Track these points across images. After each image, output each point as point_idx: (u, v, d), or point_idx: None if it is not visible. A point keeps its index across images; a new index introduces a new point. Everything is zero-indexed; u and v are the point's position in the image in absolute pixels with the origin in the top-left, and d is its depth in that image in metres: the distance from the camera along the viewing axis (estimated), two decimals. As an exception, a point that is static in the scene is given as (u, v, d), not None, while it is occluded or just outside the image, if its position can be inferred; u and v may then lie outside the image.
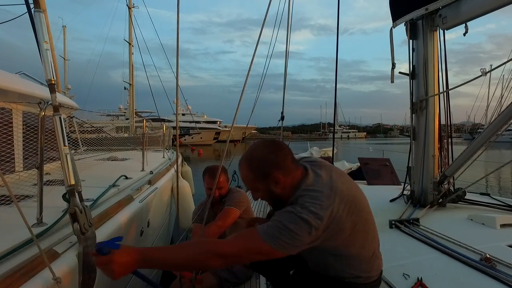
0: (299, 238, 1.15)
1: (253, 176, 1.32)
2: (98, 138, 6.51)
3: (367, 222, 1.32)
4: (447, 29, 2.62)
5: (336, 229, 1.21)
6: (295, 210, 1.17)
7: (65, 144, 1.51)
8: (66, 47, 26.91)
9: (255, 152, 1.34)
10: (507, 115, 2.17)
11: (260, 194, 1.36)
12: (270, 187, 1.30)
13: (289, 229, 1.15)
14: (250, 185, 1.35)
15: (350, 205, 1.23)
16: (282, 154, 1.32)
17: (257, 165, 1.30)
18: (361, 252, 1.32)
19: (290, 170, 1.30)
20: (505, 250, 1.74)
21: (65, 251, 1.52)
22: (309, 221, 1.14)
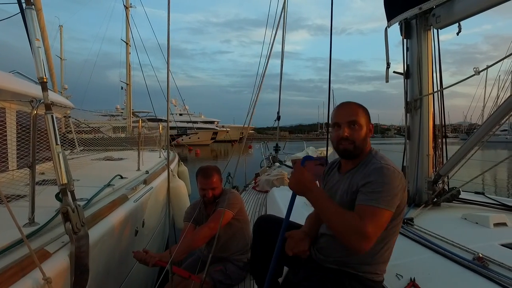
0: (400, 189, 1.31)
1: (364, 113, 1.49)
2: (94, 138, 6.49)
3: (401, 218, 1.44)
4: (440, 28, 2.63)
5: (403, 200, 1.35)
6: (386, 165, 1.34)
7: (57, 143, 1.51)
8: (62, 46, 26.81)
9: (362, 105, 1.54)
10: (499, 114, 2.18)
11: (358, 132, 1.44)
12: (367, 129, 1.47)
13: (391, 186, 1.29)
14: (358, 117, 1.45)
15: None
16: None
17: (367, 111, 1.52)
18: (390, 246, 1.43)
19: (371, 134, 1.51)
20: (498, 249, 1.74)
21: (57, 251, 1.51)
22: (397, 171, 1.33)
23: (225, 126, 55.32)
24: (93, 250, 1.74)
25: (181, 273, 2.20)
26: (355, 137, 1.43)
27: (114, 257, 2.25)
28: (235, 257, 2.59)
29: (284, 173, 6.15)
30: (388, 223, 1.31)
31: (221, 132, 49.46)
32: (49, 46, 6.06)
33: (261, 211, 4.69)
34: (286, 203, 3.25)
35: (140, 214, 2.89)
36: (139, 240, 2.84)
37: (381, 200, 1.26)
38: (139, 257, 2.20)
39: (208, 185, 2.47)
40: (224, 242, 2.54)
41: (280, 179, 5.93)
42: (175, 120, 32.62)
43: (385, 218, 1.27)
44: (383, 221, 1.27)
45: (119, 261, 2.36)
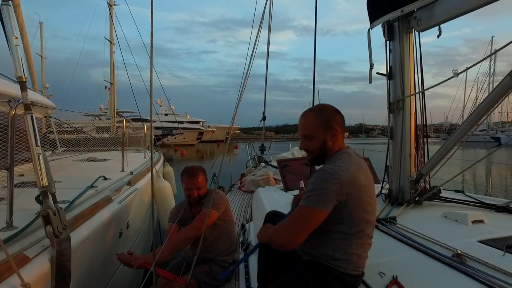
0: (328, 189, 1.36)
1: (317, 123, 1.52)
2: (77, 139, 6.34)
3: (371, 214, 1.51)
4: (421, 31, 2.69)
5: (354, 193, 1.40)
6: (324, 167, 1.43)
7: (37, 144, 1.47)
8: (43, 44, 26.04)
9: (324, 106, 1.59)
10: (477, 115, 2.25)
11: (313, 143, 1.53)
12: (327, 138, 1.51)
13: (320, 186, 1.38)
14: (310, 131, 1.53)
15: (368, 189, 1.47)
16: (342, 118, 1.59)
17: (324, 116, 1.53)
18: (359, 238, 1.47)
19: (342, 133, 1.55)
20: (475, 246, 1.79)
21: (37, 255, 1.47)
22: (339, 177, 1.36)
23: (211, 126, 55.04)
24: (76, 253, 1.71)
25: (165, 275, 2.18)
26: (312, 148, 1.54)
27: (97, 260, 2.21)
28: (221, 258, 2.58)
29: (269, 173, 6.16)
30: (344, 225, 1.43)
31: (207, 132, 49.18)
32: (28, 43, 5.88)
33: (247, 211, 4.69)
34: (272, 203, 3.28)
35: (124, 215, 2.84)
36: (124, 242, 2.80)
37: (307, 200, 1.39)
38: (123, 259, 2.17)
39: (193, 184, 2.45)
40: (210, 242, 2.53)
41: (266, 179, 5.94)
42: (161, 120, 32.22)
43: (312, 216, 1.38)
44: (308, 218, 1.39)
45: (102, 264, 2.32)
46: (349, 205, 1.40)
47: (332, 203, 1.37)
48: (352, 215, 1.43)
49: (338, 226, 1.44)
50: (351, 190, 1.39)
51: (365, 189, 1.44)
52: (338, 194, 1.37)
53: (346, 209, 1.41)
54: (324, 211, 1.37)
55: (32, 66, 6.15)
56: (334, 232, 1.45)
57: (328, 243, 1.47)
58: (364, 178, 1.45)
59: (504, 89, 2.03)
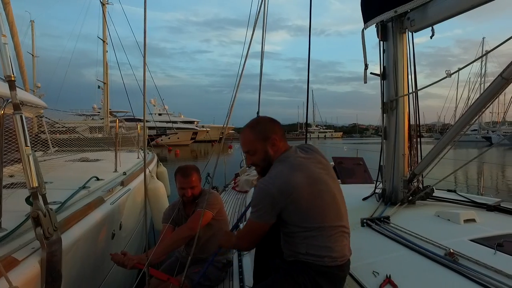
0: (263, 204, 1.46)
1: (255, 137, 1.59)
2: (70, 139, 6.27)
3: (328, 205, 1.52)
4: (415, 31, 2.71)
5: (294, 197, 1.44)
6: (258, 184, 1.51)
7: (27, 145, 1.44)
8: (34, 43, 25.69)
9: (258, 120, 1.68)
10: (469, 115, 2.27)
11: (256, 157, 1.60)
12: (267, 148, 1.57)
13: (256, 203, 1.48)
14: (250, 146, 1.61)
15: (312, 182, 1.48)
16: (278, 125, 1.67)
17: (260, 129, 1.60)
18: (322, 231, 1.49)
19: (283, 138, 1.62)
20: (467, 244, 1.81)
21: (26, 257, 1.44)
22: (271, 192, 1.43)
23: (205, 126, 54.88)
24: (67, 255, 1.68)
25: (159, 275, 2.16)
26: (257, 162, 1.62)
27: (89, 262, 2.19)
28: (214, 258, 2.57)
29: (264, 173, 6.15)
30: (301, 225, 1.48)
31: (201, 132, 49.04)
32: (19, 42, 5.78)
33: (241, 211, 4.68)
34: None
35: (117, 216, 2.82)
36: (116, 243, 2.77)
37: (252, 215, 1.52)
38: (117, 259, 2.15)
39: (187, 184, 2.44)
40: (204, 243, 2.51)
41: (260, 179, 5.93)
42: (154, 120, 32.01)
43: (258, 229, 1.53)
44: (256, 231, 1.55)
45: (94, 265, 2.29)
46: (293, 208, 1.46)
47: (273, 214, 1.47)
48: (302, 214, 1.47)
49: (296, 227, 1.50)
50: (287, 196, 1.43)
51: (305, 187, 1.46)
52: (275, 205, 1.45)
53: (293, 212, 1.47)
54: (267, 223, 1.49)
55: (23, 65, 6.05)
56: (296, 232, 1.51)
57: (297, 243, 1.52)
58: (303, 176, 1.47)
59: (495, 90, 2.05)
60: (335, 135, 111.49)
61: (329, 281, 1.50)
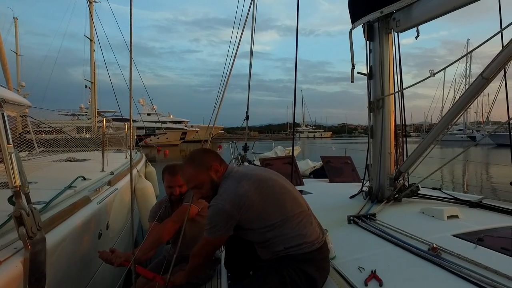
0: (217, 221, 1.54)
1: (197, 170, 1.66)
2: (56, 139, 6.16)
3: (282, 195, 1.61)
4: (400, 31, 2.76)
5: (247, 205, 1.52)
6: (211, 203, 1.59)
7: (9, 143, 1.42)
8: (18, 40, 25.05)
9: (195, 155, 1.75)
10: (452, 114, 2.32)
11: (204, 189, 1.67)
12: (211, 176, 1.65)
13: (210, 221, 1.56)
14: (196, 181, 1.66)
15: (258, 184, 1.57)
16: (212, 152, 1.78)
17: (199, 161, 1.69)
18: (288, 222, 1.56)
19: (222, 162, 1.72)
20: (450, 240, 1.86)
21: (8, 258, 1.42)
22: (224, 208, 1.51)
23: (194, 126, 54.54)
24: (52, 255, 1.66)
25: (145, 274, 2.15)
26: (206, 194, 1.68)
27: (75, 262, 2.16)
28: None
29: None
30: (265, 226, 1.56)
31: (191, 132, 48.73)
32: (1, 39, 5.66)
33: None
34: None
35: (104, 216, 2.78)
36: (103, 243, 2.74)
37: (208, 232, 1.59)
38: (104, 257, 2.13)
39: (175, 182, 2.44)
40: (190, 240, 2.51)
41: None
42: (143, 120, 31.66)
43: (216, 243, 1.68)
44: (214, 245, 1.70)
45: (81, 265, 2.26)
46: (250, 214, 1.54)
47: (228, 227, 1.56)
48: (262, 215, 1.55)
49: (263, 229, 1.57)
50: (240, 206, 1.52)
51: (253, 191, 1.54)
52: (229, 219, 1.54)
53: (252, 217, 1.55)
54: (223, 236, 1.59)
55: (6, 63, 5.92)
56: (266, 234, 1.58)
57: (273, 243, 1.58)
58: (248, 183, 1.56)
59: (476, 89, 2.10)
60: (324, 135, 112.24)
61: (313, 265, 1.55)
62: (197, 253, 1.76)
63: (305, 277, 1.53)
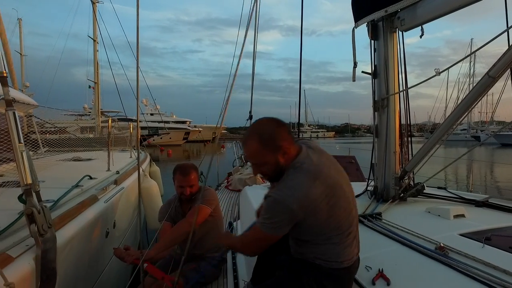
0: (280, 218, 1.33)
1: (264, 149, 1.38)
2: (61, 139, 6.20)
3: (344, 211, 1.43)
4: (405, 30, 2.76)
5: (313, 210, 1.33)
6: (274, 194, 1.35)
7: (20, 141, 1.44)
8: (22, 41, 25.22)
9: (265, 127, 1.42)
10: (457, 113, 2.32)
11: (266, 168, 1.43)
12: (278, 158, 1.39)
13: (271, 216, 1.34)
14: (259, 159, 1.41)
15: (329, 192, 1.36)
16: (285, 128, 1.44)
17: (269, 138, 1.38)
18: (334, 239, 1.43)
19: (292, 142, 1.43)
20: (457, 239, 1.86)
21: (20, 255, 1.44)
22: (290, 206, 1.30)
23: (197, 126, 54.66)
24: (61, 253, 1.68)
25: (154, 272, 2.16)
26: (265, 172, 1.47)
27: (83, 260, 2.18)
28: (209, 255, 2.58)
29: (257, 172, 6.18)
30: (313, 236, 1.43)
31: (193, 132, 48.82)
32: (6, 40, 5.69)
33: (234, 209, 4.69)
34: (259, 201, 3.27)
35: (111, 215, 2.81)
36: (110, 242, 2.76)
37: (261, 225, 1.39)
38: (118, 253, 2.15)
39: (186, 182, 2.45)
40: (199, 239, 2.52)
41: (253, 178, 5.96)
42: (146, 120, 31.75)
43: (266, 239, 1.42)
44: (263, 240, 1.44)
45: (89, 263, 2.28)
46: (311, 221, 1.37)
47: (287, 227, 1.37)
48: (319, 227, 1.40)
49: (309, 236, 1.45)
50: (306, 209, 1.33)
51: (325, 199, 1.35)
52: (292, 219, 1.35)
53: (311, 224, 1.39)
54: (277, 235, 1.39)
55: (12, 64, 5.96)
56: (309, 240, 1.47)
57: (307, 247, 1.50)
58: (322, 186, 1.35)
59: (482, 88, 2.10)
60: (327, 134, 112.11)
61: (336, 283, 1.48)
62: (246, 243, 1.55)
63: None
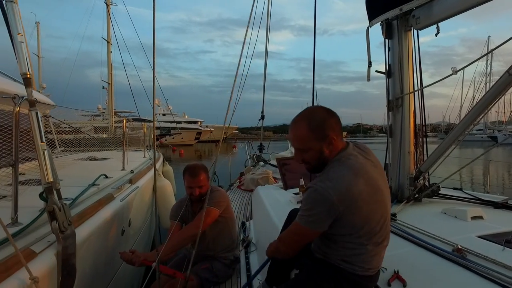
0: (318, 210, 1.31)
1: (311, 135, 1.37)
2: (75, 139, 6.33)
3: (381, 217, 1.39)
4: (420, 29, 2.72)
5: (352, 207, 1.30)
6: (315, 185, 1.32)
7: (42, 140, 1.48)
8: (40, 44, 25.91)
9: (316, 113, 1.41)
10: (473, 114, 2.28)
11: (309, 155, 1.41)
12: (323, 148, 1.38)
13: (310, 207, 1.32)
14: (303, 144, 1.40)
15: (371, 191, 1.34)
16: (336, 119, 1.42)
17: (317, 125, 1.37)
18: (365, 246, 1.39)
19: (340, 135, 1.42)
20: (475, 241, 1.82)
21: (43, 250, 1.48)
22: (330, 198, 1.27)
23: (208, 126, 55.00)
24: (80, 249, 1.72)
25: (166, 271, 2.20)
26: (308, 159, 1.43)
27: (101, 257, 2.22)
28: (222, 255, 2.60)
29: (268, 172, 6.19)
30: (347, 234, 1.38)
31: (205, 132, 49.16)
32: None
33: (247, 209, 4.71)
34: (271, 201, 3.29)
35: (126, 213, 2.85)
36: (126, 240, 2.81)
37: (301, 219, 1.37)
38: (125, 257, 2.19)
39: (195, 183, 2.46)
40: (211, 239, 2.54)
41: (265, 178, 5.97)
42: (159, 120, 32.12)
43: (306, 234, 1.40)
44: (303, 235, 1.42)
45: (106, 261, 2.33)
46: (347, 219, 1.33)
47: (327, 222, 1.33)
48: (354, 228, 1.36)
49: (341, 235, 1.40)
50: (346, 204, 1.30)
51: (365, 198, 1.32)
52: (331, 213, 1.31)
53: (345, 222, 1.34)
54: (317, 230, 1.37)
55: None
56: (338, 239, 1.42)
57: (335, 247, 1.44)
58: (364, 184, 1.33)
59: (502, 87, 2.05)
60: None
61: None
62: (285, 240, 1.52)
63: None
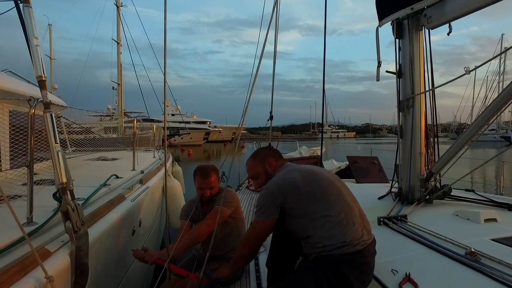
0: (264, 202, 1.69)
1: (255, 162, 1.98)
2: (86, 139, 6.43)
3: (328, 190, 1.67)
4: (432, 28, 2.69)
5: (291, 189, 1.66)
6: (264, 186, 1.79)
7: (56, 142, 1.51)
8: (52, 46, 26.39)
9: (256, 151, 2.06)
10: (487, 114, 2.24)
11: (260, 178, 1.94)
12: (266, 168, 1.93)
13: (259, 202, 1.72)
14: (253, 171, 1.98)
15: (306, 175, 1.73)
16: (274, 151, 2.05)
17: (259, 156, 1.99)
18: (328, 218, 1.58)
19: (279, 158, 1.98)
20: (489, 244, 1.79)
21: (57, 250, 1.51)
22: (270, 189, 1.70)
23: (217, 126, 55.19)
24: (92, 249, 1.74)
25: (178, 271, 2.21)
26: (262, 182, 1.93)
27: (112, 256, 2.25)
28: (231, 255, 2.60)
29: (278, 173, 6.18)
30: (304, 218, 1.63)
31: (214, 132, 49.32)
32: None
33: (256, 210, 4.71)
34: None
35: (137, 213, 2.89)
36: (136, 240, 2.84)
37: (255, 215, 1.75)
38: (138, 255, 2.21)
39: (206, 184, 2.47)
40: (220, 240, 2.55)
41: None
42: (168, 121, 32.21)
43: (262, 227, 1.73)
44: (259, 229, 1.75)
45: (117, 260, 2.36)
46: (292, 198, 1.65)
47: (273, 208, 1.67)
48: (303, 201, 1.64)
49: (303, 219, 1.63)
50: (284, 189, 1.67)
51: (300, 179, 1.69)
52: (275, 200, 1.66)
53: (294, 202, 1.65)
54: (270, 219, 1.69)
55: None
56: (306, 227, 1.63)
57: (312, 241, 1.61)
58: (298, 174, 1.72)
59: (516, 87, 2.02)
60: (348, 135, 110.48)
61: (352, 268, 1.51)
62: (243, 243, 1.90)
63: (342, 280, 1.49)
